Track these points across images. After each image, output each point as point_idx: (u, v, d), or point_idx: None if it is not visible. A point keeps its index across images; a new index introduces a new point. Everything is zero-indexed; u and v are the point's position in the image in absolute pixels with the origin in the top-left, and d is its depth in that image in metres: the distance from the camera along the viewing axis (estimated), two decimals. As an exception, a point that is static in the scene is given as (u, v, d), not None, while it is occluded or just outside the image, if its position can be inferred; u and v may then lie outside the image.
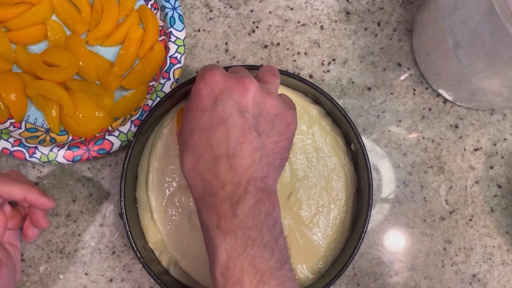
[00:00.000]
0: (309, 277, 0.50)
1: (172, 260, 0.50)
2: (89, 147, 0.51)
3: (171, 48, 0.53)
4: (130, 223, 0.48)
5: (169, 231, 0.50)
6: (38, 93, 0.52)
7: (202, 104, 0.39)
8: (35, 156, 0.51)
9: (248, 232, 0.36)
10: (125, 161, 0.47)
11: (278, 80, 0.43)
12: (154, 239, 0.50)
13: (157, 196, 0.50)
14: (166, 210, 0.50)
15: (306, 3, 0.58)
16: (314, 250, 0.50)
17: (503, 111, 0.57)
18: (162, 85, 0.52)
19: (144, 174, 0.50)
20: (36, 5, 0.54)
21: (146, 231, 0.50)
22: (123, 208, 0.47)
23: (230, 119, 0.37)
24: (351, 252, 0.47)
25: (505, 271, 0.55)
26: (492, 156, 0.56)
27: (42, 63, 0.52)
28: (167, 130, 0.51)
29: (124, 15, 0.55)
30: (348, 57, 0.57)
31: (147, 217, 0.50)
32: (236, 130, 0.37)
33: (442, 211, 0.55)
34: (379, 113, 0.56)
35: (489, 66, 0.45)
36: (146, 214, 0.50)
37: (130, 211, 0.48)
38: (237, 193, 0.37)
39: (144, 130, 0.49)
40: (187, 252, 0.49)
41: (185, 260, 0.49)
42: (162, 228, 0.50)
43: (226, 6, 0.58)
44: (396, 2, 0.58)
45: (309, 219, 0.50)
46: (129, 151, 0.48)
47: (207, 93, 0.38)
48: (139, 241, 0.49)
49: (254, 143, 0.38)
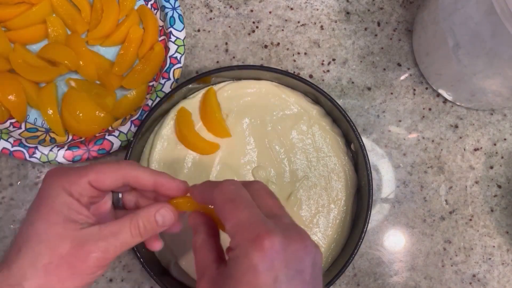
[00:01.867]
0: None
1: (172, 260, 0.49)
2: (89, 147, 0.51)
3: (171, 48, 0.53)
4: None
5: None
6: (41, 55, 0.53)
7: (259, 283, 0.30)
8: (35, 156, 0.51)
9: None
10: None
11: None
12: None
13: None
14: None
15: (306, 3, 0.58)
16: None
17: (503, 111, 0.57)
18: (162, 85, 0.52)
19: None
20: (36, 5, 0.54)
21: None
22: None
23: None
24: (351, 252, 0.47)
25: (505, 271, 0.55)
26: (492, 156, 0.56)
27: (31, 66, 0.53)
28: (167, 130, 0.51)
29: (124, 15, 0.55)
30: (348, 57, 0.57)
31: None
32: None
33: (442, 211, 0.55)
34: (379, 113, 0.56)
35: (489, 66, 0.45)
36: None
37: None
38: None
39: (144, 130, 0.49)
40: (187, 252, 0.49)
41: (185, 260, 0.49)
42: None
43: (226, 6, 0.58)
44: (396, 2, 0.58)
45: (309, 219, 0.50)
46: (129, 151, 0.48)
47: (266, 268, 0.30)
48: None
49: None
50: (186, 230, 0.49)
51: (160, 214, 0.37)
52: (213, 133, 0.51)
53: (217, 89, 0.52)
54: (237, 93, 0.52)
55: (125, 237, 0.36)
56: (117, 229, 0.36)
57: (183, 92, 0.50)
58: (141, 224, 0.36)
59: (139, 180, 0.38)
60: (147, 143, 0.51)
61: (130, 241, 0.36)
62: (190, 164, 0.50)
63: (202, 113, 0.51)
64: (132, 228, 0.36)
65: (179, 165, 0.50)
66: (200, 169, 0.50)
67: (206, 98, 0.51)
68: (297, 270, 0.31)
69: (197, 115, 0.51)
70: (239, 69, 0.50)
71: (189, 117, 0.51)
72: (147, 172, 0.38)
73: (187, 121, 0.51)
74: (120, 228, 0.36)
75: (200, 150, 0.51)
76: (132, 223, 0.36)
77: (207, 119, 0.51)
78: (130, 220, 0.36)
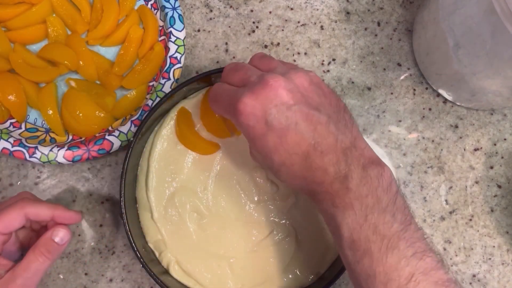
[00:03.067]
0: (309, 278, 0.50)
1: (172, 260, 0.50)
2: (89, 147, 0.51)
3: (171, 48, 0.53)
4: (130, 223, 0.48)
5: (169, 231, 0.50)
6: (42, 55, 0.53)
7: (258, 132, 0.38)
8: (35, 156, 0.51)
9: (365, 201, 0.36)
10: (125, 161, 0.47)
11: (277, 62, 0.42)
12: (154, 239, 0.50)
13: (157, 196, 0.50)
14: (166, 210, 0.50)
15: (306, 3, 0.58)
16: (314, 250, 0.50)
17: (503, 111, 0.57)
18: (162, 85, 0.52)
19: (144, 174, 0.50)
20: (36, 5, 0.54)
21: (146, 231, 0.50)
22: (123, 208, 0.47)
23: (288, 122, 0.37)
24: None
25: (505, 271, 0.55)
26: (492, 156, 0.56)
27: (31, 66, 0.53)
28: (167, 130, 0.51)
29: (124, 15, 0.55)
30: (348, 57, 0.57)
31: (147, 217, 0.50)
32: (300, 124, 0.37)
33: (442, 211, 0.55)
34: (379, 113, 0.56)
35: (489, 66, 0.45)
36: (146, 214, 0.50)
37: (130, 211, 0.48)
38: (341, 169, 0.37)
39: (144, 130, 0.49)
40: (187, 252, 0.49)
41: (185, 260, 0.49)
42: (162, 228, 0.49)
43: (226, 6, 0.58)
44: (396, 2, 0.58)
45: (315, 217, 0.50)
46: (129, 151, 0.48)
47: (253, 122, 0.38)
48: (139, 241, 0.49)
49: (319, 119, 0.38)
50: (186, 231, 0.50)
51: (55, 235, 0.44)
52: (213, 132, 0.51)
53: None
54: None
55: (35, 266, 0.42)
56: (26, 263, 0.42)
57: (183, 92, 0.50)
58: (44, 249, 0.43)
59: (39, 216, 0.44)
60: (147, 143, 0.51)
61: (42, 267, 0.43)
62: (190, 164, 0.50)
63: (202, 113, 0.51)
64: (38, 256, 0.42)
65: (179, 165, 0.50)
66: (200, 169, 0.50)
67: (206, 98, 0.51)
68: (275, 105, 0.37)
69: (197, 115, 0.51)
70: None
71: (189, 117, 0.51)
72: (45, 207, 0.45)
73: (187, 121, 0.51)
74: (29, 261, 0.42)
75: (200, 150, 0.51)
76: (36, 253, 0.43)
77: (207, 119, 0.51)
78: (33, 251, 0.43)
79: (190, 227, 0.50)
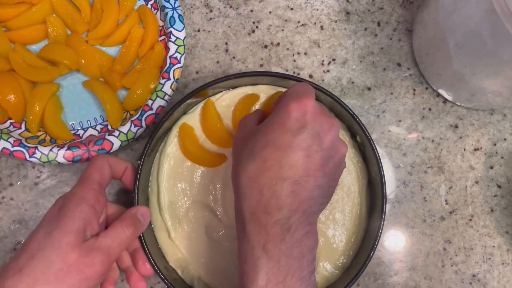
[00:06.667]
0: (334, 273, 0.50)
1: (196, 277, 0.49)
2: (89, 147, 0.51)
3: (171, 48, 0.53)
4: (149, 245, 0.47)
5: (189, 248, 0.49)
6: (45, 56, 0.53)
7: (289, 124, 0.39)
8: (35, 156, 0.51)
9: (291, 262, 0.37)
10: (135, 185, 0.47)
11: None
12: (175, 257, 0.50)
13: (171, 215, 0.50)
14: (182, 227, 0.50)
15: (306, 3, 0.58)
16: (335, 246, 0.50)
17: (503, 111, 0.57)
18: (162, 85, 0.52)
19: (155, 195, 0.50)
20: (36, 5, 0.54)
21: (165, 251, 0.50)
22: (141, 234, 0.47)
23: (308, 150, 0.38)
24: (372, 242, 0.47)
25: (505, 271, 0.55)
26: (492, 156, 0.56)
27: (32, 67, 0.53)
28: (172, 147, 0.51)
29: (124, 15, 0.55)
30: (348, 57, 0.57)
31: (164, 237, 0.50)
32: (309, 162, 0.38)
33: (442, 211, 0.55)
34: (379, 113, 0.56)
35: (489, 66, 0.45)
36: (163, 234, 0.50)
37: (146, 232, 0.48)
38: (291, 220, 0.37)
39: (149, 151, 0.49)
40: (209, 266, 0.49)
41: (208, 275, 0.49)
42: (181, 246, 0.49)
43: (226, 6, 0.58)
44: (396, 2, 0.58)
45: (326, 215, 0.50)
46: (138, 175, 0.47)
47: (296, 116, 0.39)
48: (160, 262, 0.48)
49: (318, 180, 0.38)
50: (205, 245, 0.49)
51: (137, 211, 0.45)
52: (218, 144, 0.51)
53: (215, 100, 0.52)
54: (235, 100, 0.52)
55: (122, 237, 0.42)
56: (113, 232, 0.42)
57: (182, 108, 0.50)
58: (131, 222, 0.43)
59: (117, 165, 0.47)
60: (153, 163, 0.51)
61: (127, 239, 0.43)
62: (199, 178, 0.51)
63: (203, 126, 0.51)
64: (125, 228, 0.43)
65: (188, 180, 0.50)
66: (210, 182, 0.51)
67: (205, 110, 0.51)
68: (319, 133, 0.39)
69: (199, 128, 0.51)
70: (236, 77, 0.50)
71: (192, 132, 0.51)
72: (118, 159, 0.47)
73: (191, 136, 0.51)
74: (116, 231, 0.42)
75: (207, 163, 0.51)
76: (123, 225, 0.43)
77: (210, 131, 0.51)
78: (120, 224, 0.43)
79: (208, 241, 0.50)
